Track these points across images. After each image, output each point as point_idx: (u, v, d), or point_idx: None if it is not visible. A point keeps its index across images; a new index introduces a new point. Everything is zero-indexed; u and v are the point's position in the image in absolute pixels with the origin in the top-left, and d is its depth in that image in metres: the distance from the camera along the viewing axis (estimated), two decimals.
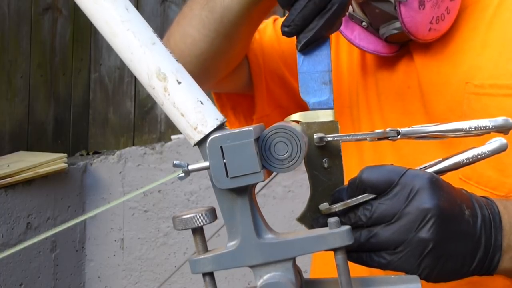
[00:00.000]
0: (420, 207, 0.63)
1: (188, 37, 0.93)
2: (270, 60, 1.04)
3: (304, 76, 0.73)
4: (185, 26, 0.94)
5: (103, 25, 0.61)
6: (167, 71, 0.61)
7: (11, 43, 2.51)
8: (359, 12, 0.93)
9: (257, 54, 1.03)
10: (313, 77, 0.73)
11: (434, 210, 0.63)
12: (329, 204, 0.69)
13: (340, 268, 0.61)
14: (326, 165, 0.71)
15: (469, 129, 0.67)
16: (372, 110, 0.96)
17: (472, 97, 0.86)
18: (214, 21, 0.89)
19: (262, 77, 1.04)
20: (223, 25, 0.89)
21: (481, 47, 0.88)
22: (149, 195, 2.46)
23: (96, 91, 2.77)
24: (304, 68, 0.73)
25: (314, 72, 0.73)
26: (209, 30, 0.90)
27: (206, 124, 0.60)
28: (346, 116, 0.99)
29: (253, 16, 0.89)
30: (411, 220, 0.63)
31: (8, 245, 2.12)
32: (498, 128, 0.67)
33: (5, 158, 2.35)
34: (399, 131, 0.68)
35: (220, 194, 0.62)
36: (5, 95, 2.49)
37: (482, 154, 0.68)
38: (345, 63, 1.01)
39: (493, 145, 0.68)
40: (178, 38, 0.95)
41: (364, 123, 0.96)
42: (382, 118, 0.95)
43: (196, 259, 0.62)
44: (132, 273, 2.51)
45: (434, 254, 0.63)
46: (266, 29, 1.06)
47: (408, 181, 0.64)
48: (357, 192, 0.66)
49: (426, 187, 0.64)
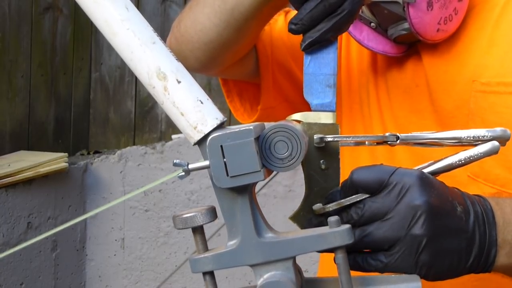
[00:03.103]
0: (410, 204, 0.64)
1: (199, 24, 0.94)
2: (279, 52, 1.04)
3: (309, 77, 0.73)
4: (197, 13, 0.95)
5: (103, 24, 0.61)
6: (167, 70, 0.61)
7: (12, 42, 2.51)
8: (368, 13, 0.94)
9: (265, 45, 1.04)
10: (318, 79, 0.73)
11: (425, 206, 0.64)
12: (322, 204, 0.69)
13: (340, 267, 0.61)
14: (324, 166, 0.71)
15: (467, 138, 0.68)
16: (383, 108, 0.97)
17: (479, 95, 0.87)
18: (225, 12, 0.90)
19: (269, 68, 1.04)
20: (234, 17, 0.90)
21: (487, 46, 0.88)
22: (149, 195, 2.46)
23: (97, 91, 2.77)
24: (310, 69, 0.73)
25: (320, 74, 0.73)
26: (220, 20, 0.91)
27: (206, 123, 0.60)
28: (357, 113, 1.00)
29: (264, 12, 0.90)
30: (402, 217, 0.64)
31: (9, 245, 2.13)
32: (496, 139, 0.68)
33: (6, 157, 2.36)
34: (398, 136, 0.69)
35: (220, 193, 0.62)
36: (5, 94, 2.49)
37: (475, 156, 0.68)
38: (355, 62, 1.02)
39: (485, 147, 0.68)
40: (189, 24, 0.96)
41: (375, 119, 0.97)
42: (392, 115, 0.96)
43: (196, 258, 0.62)
44: (132, 272, 2.51)
45: (429, 251, 0.64)
46: (277, 21, 1.06)
47: (398, 179, 0.65)
48: (349, 193, 0.67)
49: (416, 184, 0.64)
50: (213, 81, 2.56)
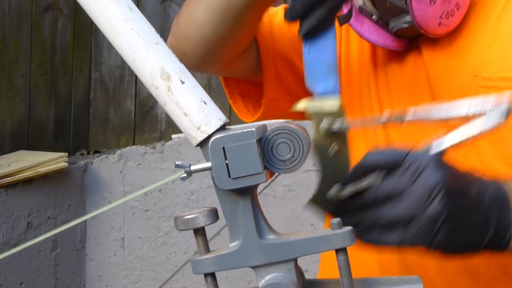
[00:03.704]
0: (427, 183, 0.64)
1: (195, 20, 0.94)
2: (280, 44, 1.04)
3: (310, 64, 0.72)
4: (193, 9, 0.95)
5: (106, 24, 0.61)
6: (171, 70, 0.61)
7: (12, 42, 2.51)
8: (369, 5, 0.94)
9: (266, 37, 1.04)
10: (319, 64, 0.72)
11: (441, 184, 0.64)
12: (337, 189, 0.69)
13: (342, 269, 0.61)
14: (333, 150, 0.71)
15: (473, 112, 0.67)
16: (383, 102, 0.97)
17: (481, 90, 0.87)
18: (221, 5, 0.90)
19: (271, 60, 1.04)
20: (230, 10, 0.90)
21: (489, 41, 0.89)
22: (149, 195, 2.46)
23: (97, 90, 2.77)
24: (310, 56, 0.72)
25: (320, 60, 0.72)
26: (215, 14, 0.91)
27: (209, 123, 0.60)
28: (356, 108, 1.00)
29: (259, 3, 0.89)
30: (419, 196, 0.64)
31: (9, 245, 2.13)
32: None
33: (6, 157, 2.35)
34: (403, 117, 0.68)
35: (222, 194, 0.62)
36: (5, 94, 2.49)
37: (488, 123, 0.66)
38: (355, 56, 1.02)
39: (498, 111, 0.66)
40: (186, 21, 0.96)
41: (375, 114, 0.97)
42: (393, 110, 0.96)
43: (198, 259, 0.62)
44: (132, 272, 2.51)
45: (445, 229, 0.65)
46: (277, 13, 1.06)
47: (413, 159, 0.65)
48: (362, 176, 0.67)
49: (432, 164, 0.65)
50: (213, 81, 2.56)
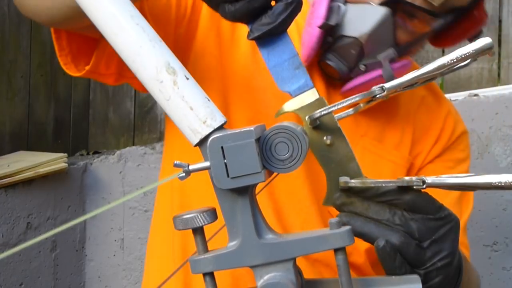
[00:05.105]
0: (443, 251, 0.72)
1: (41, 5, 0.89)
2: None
3: (275, 70, 0.73)
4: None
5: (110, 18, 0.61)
6: (176, 66, 0.61)
7: (11, 42, 2.51)
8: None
9: None
10: (284, 67, 0.73)
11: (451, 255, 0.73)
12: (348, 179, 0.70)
13: (340, 268, 0.61)
14: (329, 141, 0.71)
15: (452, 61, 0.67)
16: None
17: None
18: None
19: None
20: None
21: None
22: (149, 195, 2.46)
23: (96, 91, 2.77)
24: (272, 62, 0.73)
25: (283, 62, 0.72)
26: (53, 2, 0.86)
27: (215, 118, 0.60)
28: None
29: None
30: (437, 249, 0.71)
31: (8, 245, 2.12)
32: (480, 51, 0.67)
33: (5, 158, 2.35)
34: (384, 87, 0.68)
35: (221, 194, 0.62)
36: (5, 95, 2.48)
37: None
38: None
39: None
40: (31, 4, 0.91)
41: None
42: None
43: (196, 259, 0.62)
44: (132, 273, 2.51)
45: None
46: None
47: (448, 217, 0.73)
48: None
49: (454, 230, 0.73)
50: None
